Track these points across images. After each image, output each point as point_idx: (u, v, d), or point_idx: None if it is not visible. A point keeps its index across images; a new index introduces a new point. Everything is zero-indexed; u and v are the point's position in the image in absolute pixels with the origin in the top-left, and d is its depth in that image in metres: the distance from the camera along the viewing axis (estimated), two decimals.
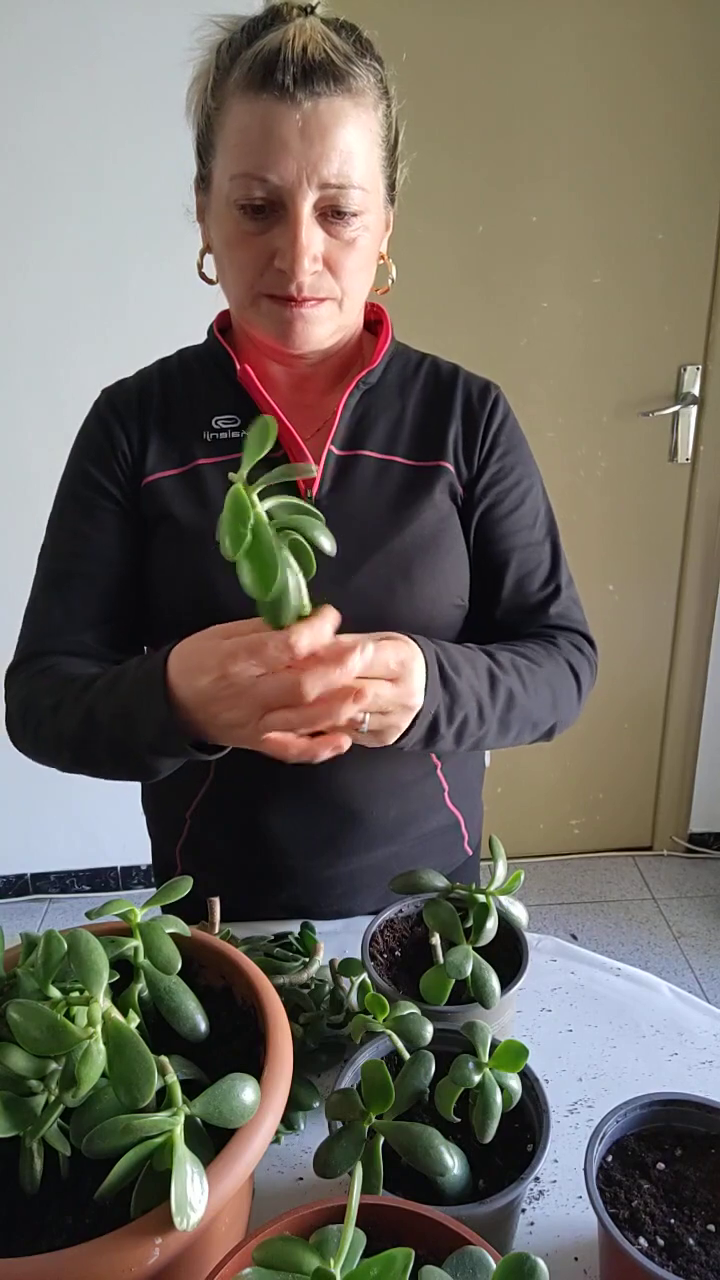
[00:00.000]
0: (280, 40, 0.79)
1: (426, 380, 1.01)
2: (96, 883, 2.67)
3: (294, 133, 0.79)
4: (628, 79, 2.11)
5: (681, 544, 2.51)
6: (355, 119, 0.81)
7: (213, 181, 0.86)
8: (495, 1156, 0.64)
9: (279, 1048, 0.60)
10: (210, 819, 1.04)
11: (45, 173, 2.03)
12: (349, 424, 0.97)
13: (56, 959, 0.57)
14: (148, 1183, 0.50)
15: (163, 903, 0.68)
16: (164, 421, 0.98)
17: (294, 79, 0.78)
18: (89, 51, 1.97)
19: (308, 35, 0.79)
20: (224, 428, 0.97)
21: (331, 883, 1.03)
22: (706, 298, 2.30)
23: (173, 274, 2.08)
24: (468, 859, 1.13)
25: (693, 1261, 0.58)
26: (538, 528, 1.03)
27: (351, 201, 0.83)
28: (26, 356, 2.16)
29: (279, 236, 0.83)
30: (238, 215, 0.83)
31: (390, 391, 0.99)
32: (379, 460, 0.96)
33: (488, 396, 1.00)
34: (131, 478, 0.97)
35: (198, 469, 0.96)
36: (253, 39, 0.81)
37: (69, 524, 1.00)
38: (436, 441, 0.98)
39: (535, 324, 2.28)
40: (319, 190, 0.81)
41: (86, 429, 1.00)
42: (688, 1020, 0.89)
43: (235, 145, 0.82)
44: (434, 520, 0.96)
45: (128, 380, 1.02)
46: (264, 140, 0.80)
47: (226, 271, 0.89)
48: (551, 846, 2.79)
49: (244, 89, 0.80)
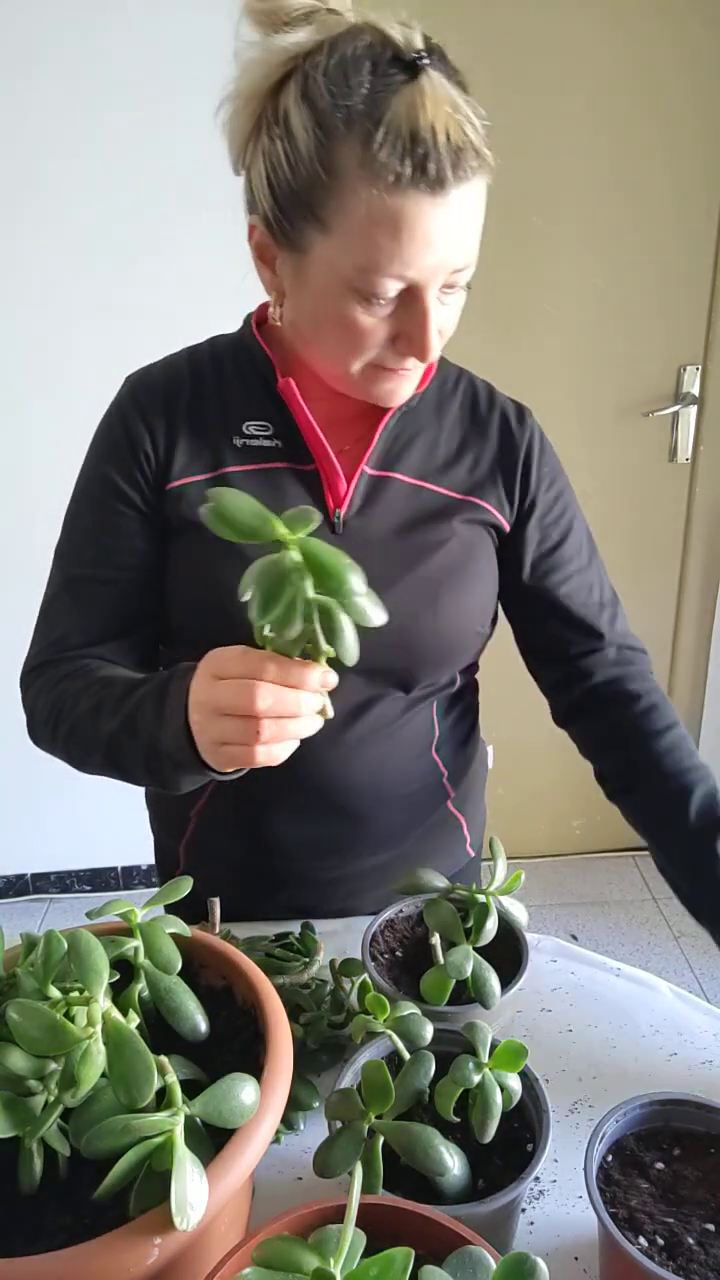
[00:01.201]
0: (418, 122, 0.70)
1: (463, 400, 0.98)
2: (96, 883, 2.67)
3: (440, 228, 0.73)
4: (627, 79, 2.11)
5: (681, 544, 2.51)
6: (483, 189, 0.76)
7: (309, 248, 0.77)
8: (495, 1156, 0.64)
9: (279, 1048, 0.60)
10: (215, 818, 1.04)
11: (45, 166, 2.02)
12: (385, 443, 0.93)
13: (56, 959, 0.57)
14: (147, 1183, 0.50)
15: (163, 902, 0.68)
16: (193, 422, 0.93)
17: (445, 173, 0.71)
18: (90, 44, 1.96)
19: (446, 114, 0.71)
20: (255, 434, 0.92)
21: (334, 884, 1.03)
22: (706, 298, 2.30)
23: (178, 268, 2.09)
24: (469, 860, 1.13)
25: (692, 1261, 0.58)
26: (584, 550, 1.02)
27: (466, 275, 0.79)
28: (29, 351, 2.16)
29: (403, 320, 0.78)
30: (357, 302, 0.77)
31: (428, 411, 0.96)
32: (411, 485, 0.93)
33: (524, 426, 0.98)
34: (155, 482, 0.93)
35: (225, 476, 0.91)
36: (370, 97, 0.70)
37: (87, 527, 0.96)
38: (471, 473, 0.95)
39: (536, 325, 2.28)
40: (450, 274, 0.77)
41: (108, 424, 0.95)
42: (688, 1020, 0.89)
43: (366, 237, 0.73)
44: (459, 551, 0.93)
45: (154, 370, 0.96)
46: (409, 238, 0.73)
47: (331, 346, 0.82)
48: (552, 847, 2.79)
49: (379, 176, 0.71)
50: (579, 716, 1.03)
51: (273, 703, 0.66)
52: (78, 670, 0.92)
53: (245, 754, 0.70)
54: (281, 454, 0.92)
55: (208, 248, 1.98)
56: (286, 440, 0.92)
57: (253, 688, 0.66)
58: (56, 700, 0.91)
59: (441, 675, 0.98)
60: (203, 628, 0.90)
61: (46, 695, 0.93)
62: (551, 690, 1.04)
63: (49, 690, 0.93)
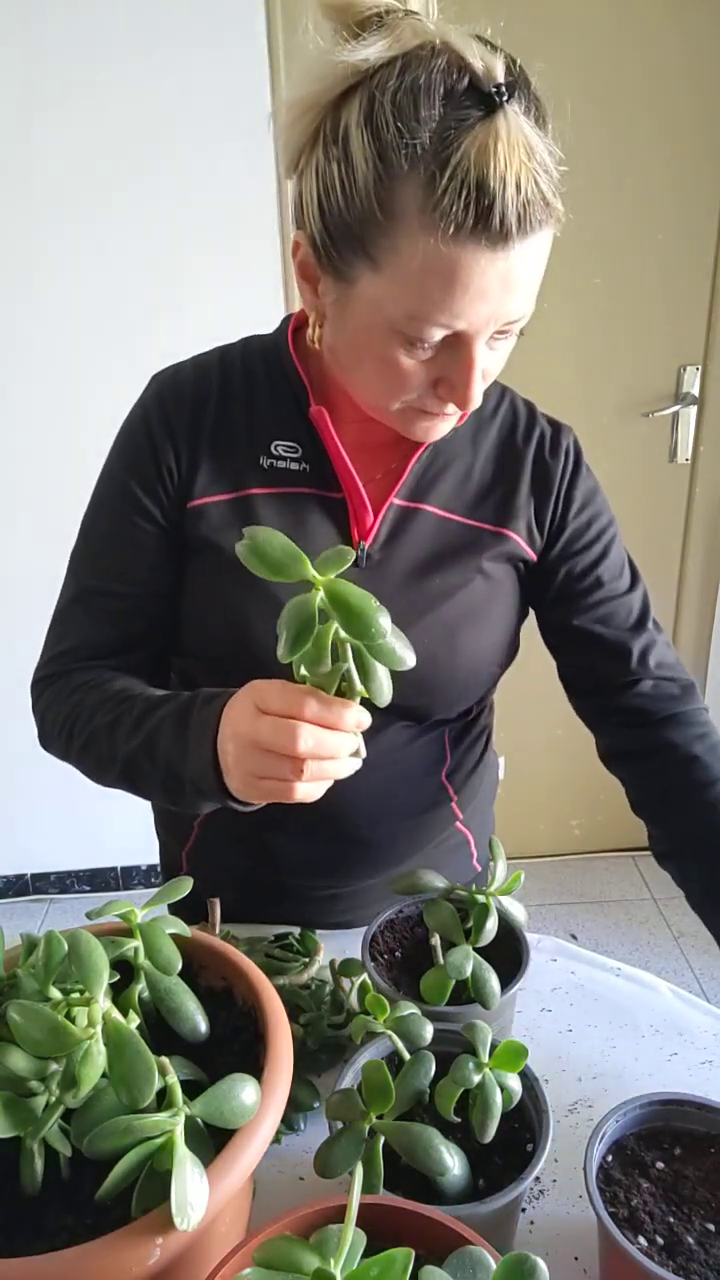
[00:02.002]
0: (488, 170, 0.65)
1: (501, 428, 0.94)
2: (96, 883, 2.67)
3: (496, 282, 0.69)
4: (626, 79, 2.11)
5: (681, 544, 2.51)
6: (549, 240, 0.72)
7: (357, 282, 0.73)
8: (495, 1156, 0.65)
9: (279, 1048, 0.60)
10: (219, 829, 1.03)
11: (58, 178, 2.03)
12: (416, 474, 0.90)
13: (57, 959, 0.57)
14: (148, 1183, 0.51)
15: (163, 903, 0.68)
16: (218, 436, 0.89)
17: (509, 228, 0.67)
18: (110, 58, 1.96)
19: (519, 162, 0.66)
20: (283, 455, 0.89)
21: (335, 900, 1.03)
22: (706, 298, 2.30)
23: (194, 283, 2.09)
24: (475, 875, 1.11)
25: (692, 1260, 0.58)
26: (624, 577, 0.97)
27: (520, 324, 0.76)
28: (40, 359, 2.16)
29: (447, 366, 0.75)
30: (399, 345, 0.74)
31: (464, 439, 0.92)
32: (439, 518, 0.90)
33: (558, 450, 0.94)
34: (176, 498, 0.89)
35: (249, 499, 0.88)
36: (439, 135, 0.65)
37: (104, 536, 0.93)
38: (504, 505, 0.92)
39: (535, 325, 2.26)
40: (502, 324, 0.73)
41: (131, 429, 0.91)
42: (688, 1020, 0.89)
43: (418, 283, 0.69)
44: (485, 588, 0.90)
45: (183, 373, 0.92)
46: (463, 290, 0.69)
47: (372, 383, 0.79)
48: (552, 846, 2.79)
49: (439, 225, 0.66)
50: (620, 760, 0.98)
51: (314, 745, 0.66)
52: (91, 682, 0.90)
53: (284, 790, 0.69)
54: (309, 479, 0.89)
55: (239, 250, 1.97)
56: (314, 465, 0.89)
57: (295, 728, 0.65)
58: (71, 712, 0.89)
59: (455, 711, 0.96)
60: (218, 646, 0.89)
61: (59, 706, 0.91)
62: (592, 726, 0.99)
63: (61, 701, 0.91)
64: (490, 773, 1.12)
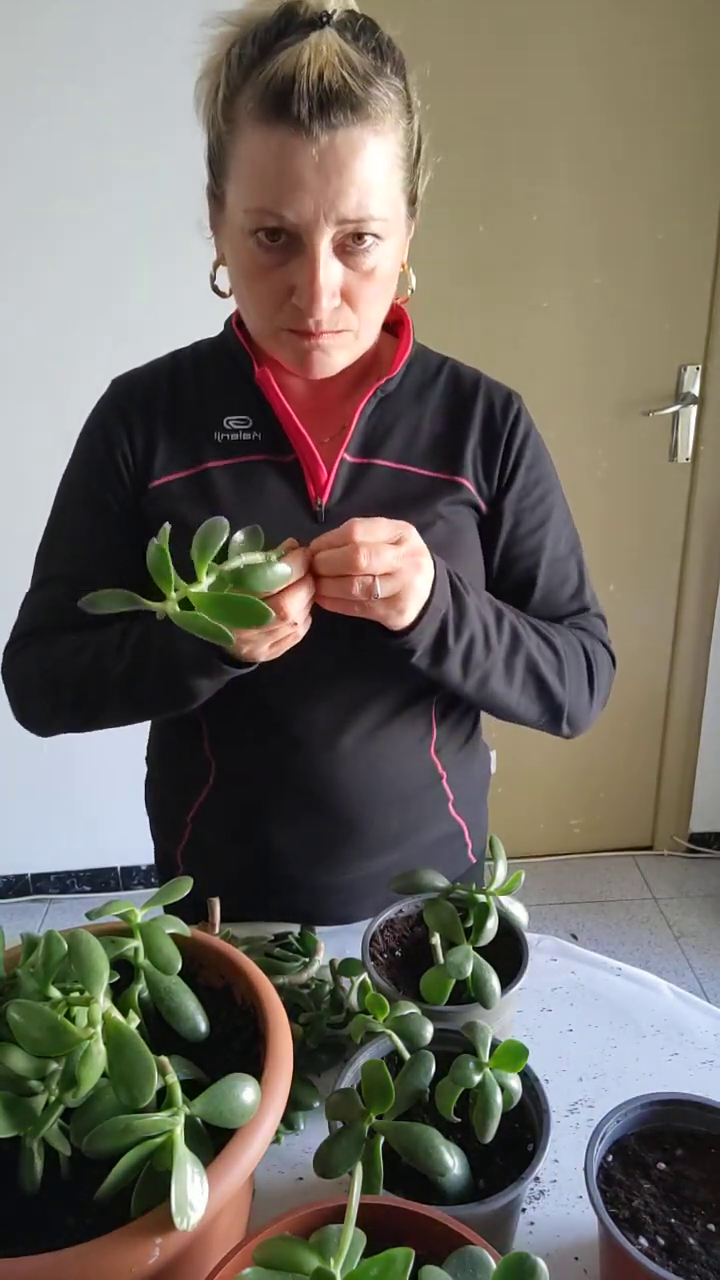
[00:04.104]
0: (294, 65, 0.73)
1: (446, 387, 0.99)
2: (96, 883, 2.67)
3: (310, 168, 0.75)
4: (627, 79, 2.11)
5: (681, 544, 2.51)
6: (375, 147, 0.77)
7: (226, 202, 0.83)
8: (495, 1156, 0.64)
9: (279, 1048, 0.60)
10: (210, 824, 1.04)
11: (49, 174, 2.03)
12: (364, 431, 0.95)
13: (57, 959, 0.57)
14: (148, 1183, 0.50)
15: (163, 903, 0.68)
16: (173, 420, 0.95)
17: (309, 112, 0.74)
18: (91, 54, 1.97)
19: (324, 59, 0.74)
20: (235, 428, 0.94)
21: (331, 891, 1.03)
22: (706, 298, 2.30)
23: (177, 273, 2.08)
24: (471, 867, 1.12)
25: (693, 1261, 0.58)
26: (563, 544, 1.02)
27: (370, 234, 0.80)
28: (29, 357, 2.16)
29: (296, 271, 0.81)
30: (253, 247, 0.81)
31: (408, 397, 0.97)
32: (392, 470, 0.94)
33: (510, 409, 0.98)
34: (135, 482, 0.95)
35: (207, 472, 0.93)
36: (265, 52, 0.76)
37: (65, 528, 1.00)
38: (454, 454, 0.96)
39: (535, 324, 2.28)
40: (336, 226, 0.78)
41: (89, 429, 0.99)
42: (688, 1020, 0.89)
43: (248, 177, 0.78)
44: (445, 532, 0.94)
45: (137, 372, 1.00)
46: (279, 176, 0.76)
47: (244, 299, 0.87)
48: (552, 846, 2.79)
49: (257, 117, 0.76)
50: None
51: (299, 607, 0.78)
52: (59, 641, 0.96)
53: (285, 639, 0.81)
54: (261, 446, 0.94)
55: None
56: (266, 432, 0.94)
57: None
58: (49, 669, 0.95)
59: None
60: None
61: (31, 668, 0.98)
62: None
63: (32, 664, 0.98)
64: (481, 757, 1.13)
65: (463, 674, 0.89)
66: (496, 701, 0.95)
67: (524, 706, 0.96)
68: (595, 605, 1.07)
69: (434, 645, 0.85)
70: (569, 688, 0.98)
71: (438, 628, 0.84)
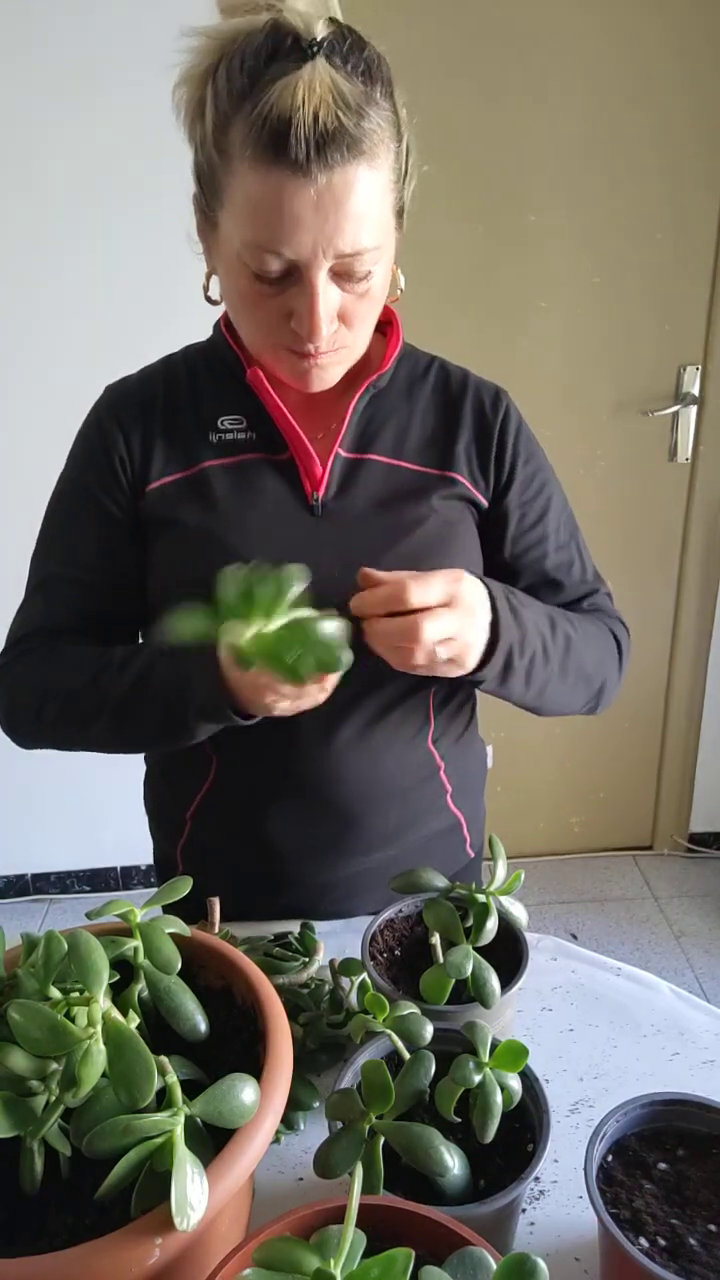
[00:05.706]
0: (290, 106, 0.73)
1: (435, 384, 1.00)
2: (96, 883, 2.67)
3: (308, 208, 0.76)
4: (627, 78, 2.10)
5: (681, 544, 2.50)
6: (369, 180, 0.78)
7: (220, 225, 0.83)
8: (495, 1156, 0.64)
9: (279, 1048, 0.60)
10: (209, 821, 1.04)
11: (47, 179, 2.03)
12: (357, 427, 0.96)
13: (57, 959, 0.57)
14: (148, 1183, 0.50)
15: (163, 903, 0.68)
16: (168, 423, 0.96)
17: (307, 155, 0.74)
18: (90, 70, 1.97)
19: (318, 98, 0.73)
20: (230, 428, 0.95)
21: (331, 886, 1.03)
22: (706, 298, 2.30)
23: (172, 280, 2.08)
24: (469, 861, 1.12)
25: (694, 1262, 0.58)
26: (563, 529, 1.04)
27: (365, 263, 0.81)
28: (27, 362, 2.16)
29: (294, 299, 0.82)
30: (248, 277, 0.81)
31: (399, 394, 0.98)
32: (386, 465, 0.96)
33: (499, 405, 0.99)
34: (132, 486, 0.96)
35: (204, 472, 0.94)
36: (255, 81, 0.75)
37: (60, 530, 1.00)
38: (446, 450, 0.97)
39: (535, 324, 2.28)
40: (334, 259, 0.79)
41: (85, 434, 0.99)
42: (688, 1020, 0.89)
43: (245, 214, 0.78)
44: (439, 525, 0.95)
45: (130, 379, 1.01)
46: (277, 216, 0.77)
47: (241, 320, 0.88)
48: (551, 845, 2.79)
49: (254, 157, 0.75)
50: None
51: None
52: (52, 656, 0.96)
53: (294, 707, 0.82)
54: (256, 445, 0.95)
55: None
56: (260, 431, 0.95)
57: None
58: (40, 683, 0.95)
59: None
60: None
61: (24, 682, 0.97)
62: None
63: (24, 678, 0.97)
64: (478, 750, 1.13)
65: (525, 687, 0.92)
66: (551, 703, 0.98)
67: (572, 701, 1.00)
68: (602, 583, 1.09)
69: (501, 673, 0.88)
70: (608, 677, 1.02)
71: (504, 660, 0.87)
